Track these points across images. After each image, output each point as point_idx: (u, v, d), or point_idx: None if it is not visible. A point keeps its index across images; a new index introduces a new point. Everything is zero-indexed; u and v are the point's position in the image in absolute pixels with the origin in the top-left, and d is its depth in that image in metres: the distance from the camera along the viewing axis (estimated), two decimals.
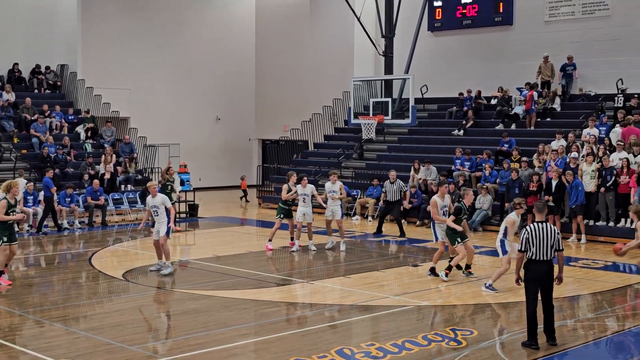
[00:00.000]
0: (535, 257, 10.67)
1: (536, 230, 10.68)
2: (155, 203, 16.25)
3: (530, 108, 27.10)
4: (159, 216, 16.21)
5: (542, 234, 10.67)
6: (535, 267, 10.71)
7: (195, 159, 35.10)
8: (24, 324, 12.44)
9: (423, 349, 10.84)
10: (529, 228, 10.75)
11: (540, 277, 10.73)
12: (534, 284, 10.76)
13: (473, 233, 22.65)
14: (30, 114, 28.62)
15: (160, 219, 16.20)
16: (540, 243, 10.64)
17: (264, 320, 12.61)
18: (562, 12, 28.95)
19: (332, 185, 19.47)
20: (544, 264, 10.69)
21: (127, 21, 34.37)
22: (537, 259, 10.66)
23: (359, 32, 32.10)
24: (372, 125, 28.66)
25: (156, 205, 16.25)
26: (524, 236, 10.72)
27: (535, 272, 10.72)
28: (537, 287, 10.77)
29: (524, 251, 10.73)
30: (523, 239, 10.72)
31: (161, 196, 16.43)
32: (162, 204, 16.20)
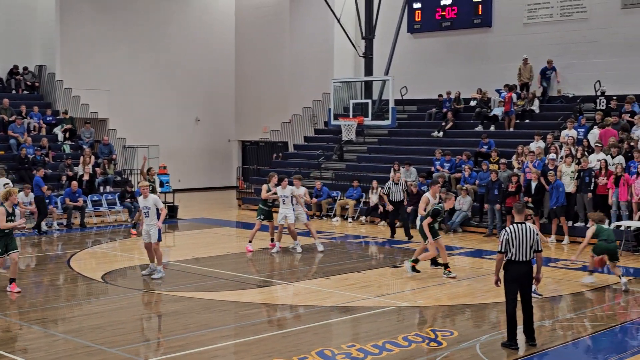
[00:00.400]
0: (515, 258, 10.71)
1: (516, 232, 10.73)
2: (147, 204, 15.97)
3: (510, 110, 27.24)
4: (149, 217, 15.95)
5: (521, 235, 10.71)
6: (515, 268, 10.75)
7: (175, 160, 35.03)
8: (2, 326, 12.33)
9: (403, 349, 10.85)
10: (509, 229, 10.79)
11: (520, 277, 10.78)
12: (514, 285, 10.80)
13: (452, 234, 22.76)
14: (8, 115, 28.41)
15: (150, 220, 15.96)
16: (520, 244, 10.68)
17: (245, 321, 12.58)
18: (541, 15, 29.12)
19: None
20: (523, 265, 10.74)
21: (106, 22, 34.23)
22: (517, 259, 10.71)
23: (339, 34, 32.14)
24: (352, 127, 28.72)
25: (147, 206, 15.97)
26: (504, 237, 10.76)
27: (514, 273, 10.76)
28: (516, 288, 10.82)
29: (504, 252, 10.76)
30: (503, 240, 10.75)
31: (153, 197, 16.15)
32: (154, 204, 15.94)
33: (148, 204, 15.97)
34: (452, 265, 17.35)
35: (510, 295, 10.83)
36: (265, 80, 37.71)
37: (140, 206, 16.27)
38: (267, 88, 37.56)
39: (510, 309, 10.83)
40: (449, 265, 16.21)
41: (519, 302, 10.88)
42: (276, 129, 34.76)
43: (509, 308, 10.83)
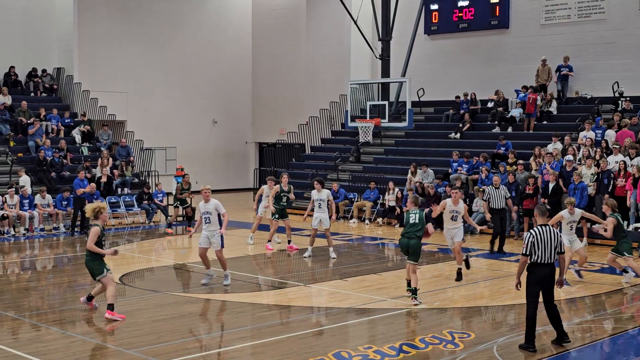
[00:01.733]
0: (540, 260, 10.65)
1: (541, 234, 10.67)
2: (208, 209, 14.87)
3: (533, 112, 27.09)
4: (211, 223, 14.85)
5: (546, 237, 10.66)
6: (539, 270, 10.69)
7: (192, 162, 35.11)
8: (20, 327, 12.41)
9: (420, 351, 10.83)
10: (534, 231, 10.73)
11: (543, 280, 10.73)
12: (536, 287, 10.75)
13: (470, 235, 22.67)
14: (26, 118, 28.58)
15: (211, 226, 14.87)
16: (545, 246, 10.63)
17: (261, 323, 12.58)
18: (558, 16, 28.98)
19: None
20: (547, 267, 10.70)
21: (123, 25, 34.39)
22: (541, 262, 10.66)
23: (356, 35, 32.11)
24: (369, 128, 28.68)
25: (209, 211, 14.88)
26: (529, 239, 10.69)
27: (538, 275, 10.70)
28: (539, 291, 10.77)
29: (528, 255, 10.70)
30: (528, 243, 10.68)
31: (214, 201, 14.91)
32: (215, 209, 14.83)
33: (209, 209, 14.89)
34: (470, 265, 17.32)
35: (532, 298, 10.77)
36: (282, 82, 37.75)
37: (201, 211, 15.03)
38: (284, 90, 37.60)
39: (531, 312, 10.77)
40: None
41: (539, 304, 10.82)
42: (293, 131, 34.78)
43: (530, 311, 10.77)
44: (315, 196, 18.72)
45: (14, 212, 22.88)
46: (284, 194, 19.99)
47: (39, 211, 23.45)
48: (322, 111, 34.11)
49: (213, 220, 14.86)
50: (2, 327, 12.33)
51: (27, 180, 24.48)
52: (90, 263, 12.91)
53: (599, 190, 21.11)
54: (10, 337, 11.83)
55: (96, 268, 12.84)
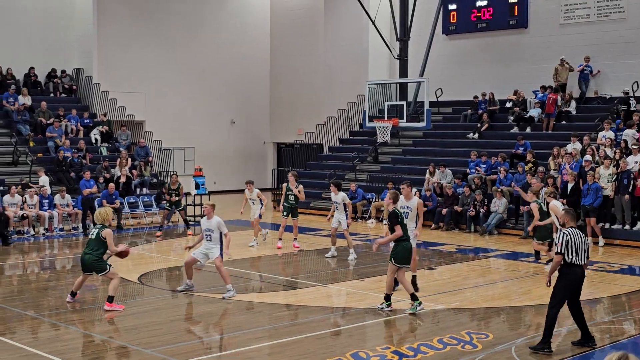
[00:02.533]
0: (575, 261, 10.58)
1: (573, 235, 10.61)
2: (210, 227, 14.19)
3: (552, 112, 26.97)
4: (212, 241, 14.24)
5: (578, 238, 10.61)
6: (573, 271, 10.63)
7: (210, 162, 35.21)
8: (40, 327, 12.49)
9: (438, 352, 10.81)
10: (568, 231, 10.62)
11: (576, 281, 10.71)
12: (568, 289, 10.71)
13: (488, 236, 22.61)
14: (46, 118, 28.77)
15: (211, 244, 14.27)
16: (578, 247, 10.57)
17: (279, 323, 12.61)
18: (577, 15, 28.83)
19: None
20: (580, 269, 10.68)
21: (142, 25, 34.54)
22: (575, 262, 10.59)
23: (374, 36, 32.10)
24: (387, 129, 28.65)
25: (211, 229, 14.18)
26: (564, 238, 10.56)
27: (572, 277, 10.65)
28: (569, 293, 10.73)
29: (563, 253, 10.56)
30: (563, 241, 10.55)
31: (217, 219, 14.17)
32: (217, 228, 14.14)
33: (212, 227, 14.20)
34: (487, 266, 17.28)
35: (561, 299, 10.70)
36: (300, 82, 37.78)
37: (203, 228, 14.44)
38: (302, 90, 37.63)
39: (554, 313, 10.67)
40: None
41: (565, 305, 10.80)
42: (311, 131, 34.81)
43: (554, 311, 10.67)
44: (333, 198, 18.92)
45: (33, 212, 23.04)
46: (290, 193, 20.27)
47: (58, 211, 23.60)
48: (340, 111, 34.11)
49: (214, 238, 14.23)
50: (22, 327, 12.42)
51: (47, 180, 24.66)
52: (95, 263, 13.44)
53: (618, 190, 20.99)
54: (29, 336, 11.92)
55: (102, 266, 13.50)
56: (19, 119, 28.42)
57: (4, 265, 18.68)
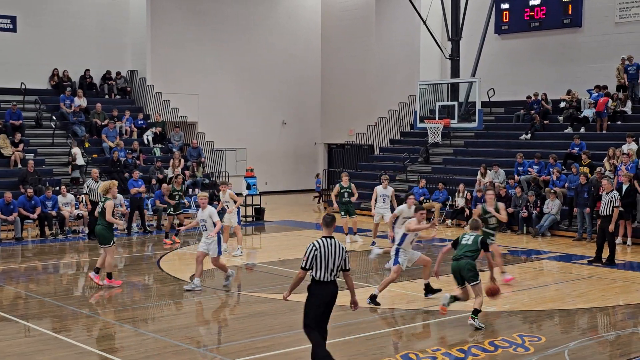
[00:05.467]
0: (323, 279, 9.44)
1: (324, 247, 9.42)
2: (203, 217, 15.23)
3: (603, 111, 26.55)
4: (207, 231, 15.15)
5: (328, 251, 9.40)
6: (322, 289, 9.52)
7: (262, 163, 35.41)
8: (94, 325, 12.70)
9: (490, 354, 10.73)
10: (316, 244, 9.42)
11: (325, 301, 9.53)
12: (320, 309, 9.52)
13: (541, 238, 22.34)
14: (100, 119, 29.22)
15: (208, 234, 15.15)
16: (329, 262, 9.37)
17: (330, 324, 12.60)
18: (633, 13, 28.33)
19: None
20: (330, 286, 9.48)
21: (195, 28, 34.88)
22: (325, 280, 9.45)
23: (425, 36, 31.94)
24: (438, 129, 28.48)
25: (204, 219, 15.23)
26: (312, 252, 9.35)
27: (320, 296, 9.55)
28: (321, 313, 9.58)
29: (308, 269, 9.45)
30: (310, 255, 9.36)
31: (210, 209, 15.30)
32: (209, 217, 15.15)
33: (204, 217, 15.22)
34: (540, 268, 17.08)
35: (316, 323, 9.56)
36: (351, 83, 37.77)
37: (198, 219, 15.49)
38: (353, 91, 37.61)
39: (315, 340, 9.58)
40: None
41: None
42: (362, 132, 34.79)
43: (315, 339, 9.56)
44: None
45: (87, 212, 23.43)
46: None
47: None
48: (391, 112, 34.03)
49: (209, 228, 15.12)
50: (77, 324, 12.64)
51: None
52: (102, 231, 15.28)
53: None
54: (85, 334, 12.12)
55: (107, 236, 15.23)
56: (74, 121, 28.90)
57: (59, 264, 19.04)
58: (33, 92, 29.68)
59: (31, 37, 30.51)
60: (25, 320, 12.68)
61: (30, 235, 22.63)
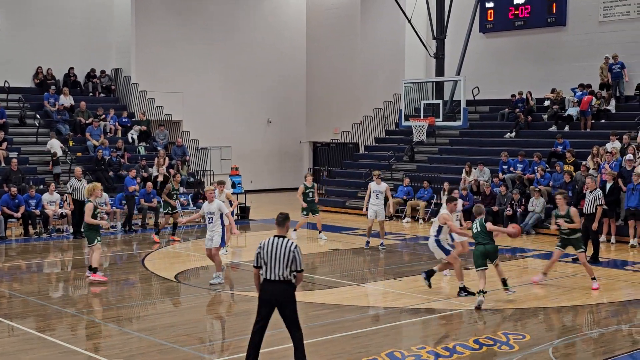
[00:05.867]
0: (268, 277, 9.40)
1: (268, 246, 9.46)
2: (211, 209, 15.37)
3: (587, 110, 26.67)
4: (213, 223, 15.37)
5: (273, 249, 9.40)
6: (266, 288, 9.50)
7: (247, 161, 35.37)
8: (78, 324, 12.64)
9: (474, 352, 10.75)
10: (261, 243, 9.53)
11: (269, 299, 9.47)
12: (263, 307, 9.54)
13: (525, 236, 22.42)
14: (85, 118, 29.09)
15: (213, 227, 15.37)
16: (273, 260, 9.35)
17: (314, 322, 12.62)
18: (617, 12, 28.47)
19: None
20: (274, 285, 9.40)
21: (180, 26, 34.78)
22: (269, 278, 9.38)
23: (410, 34, 31.98)
24: (423, 128, 28.52)
25: (212, 211, 15.35)
26: (257, 251, 9.46)
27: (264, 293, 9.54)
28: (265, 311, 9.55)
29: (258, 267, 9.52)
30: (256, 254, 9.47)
31: (217, 202, 15.53)
32: (218, 210, 15.38)
33: (212, 209, 15.40)
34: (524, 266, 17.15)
35: (259, 318, 9.56)
36: (336, 82, 37.76)
37: (205, 212, 15.54)
38: (338, 89, 37.60)
39: (253, 332, 9.62)
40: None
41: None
42: (347, 130, 34.80)
43: (254, 330, 9.60)
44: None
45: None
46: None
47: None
48: (376, 110, 34.06)
49: (215, 220, 15.40)
50: (62, 324, 12.59)
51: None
52: (85, 231, 15.96)
53: None
54: (69, 333, 12.07)
55: (90, 236, 15.75)
56: (58, 119, 28.77)
57: (43, 263, 18.95)
58: (17, 91, 29.53)
59: (15, 35, 30.34)
60: (9, 320, 12.61)
61: (14, 234, 22.52)
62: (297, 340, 9.47)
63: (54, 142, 26.87)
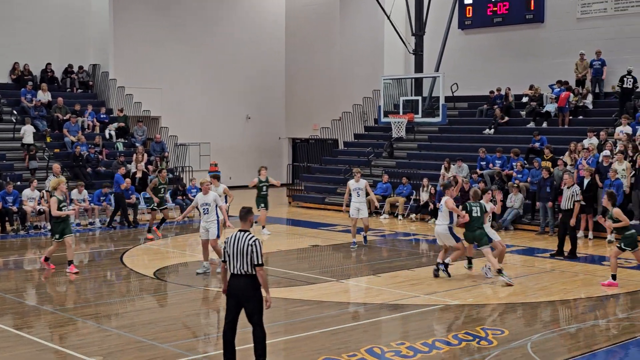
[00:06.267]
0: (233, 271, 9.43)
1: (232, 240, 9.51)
2: (207, 201, 15.80)
3: (564, 106, 26.83)
4: (209, 214, 15.77)
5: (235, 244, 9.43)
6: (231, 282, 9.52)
7: (226, 157, 35.28)
8: (56, 321, 12.56)
9: (453, 348, 10.80)
10: (227, 238, 9.60)
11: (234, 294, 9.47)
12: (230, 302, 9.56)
13: (504, 232, 22.53)
14: (62, 114, 28.89)
15: (209, 217, 15.76)
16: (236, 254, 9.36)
17: (294, 319, 12.62)
18: (595, 9, 28.65)
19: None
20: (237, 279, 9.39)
21: (158, 21, 34.60)
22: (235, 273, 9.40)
23: (389, 31, 32.01)
24: (402, 124, 28.59)
25: (208, 202, 15.78)
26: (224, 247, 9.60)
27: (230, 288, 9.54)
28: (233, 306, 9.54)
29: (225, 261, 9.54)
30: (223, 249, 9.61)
31: (213, 194, 15.98)
32: (214, 201, 15.83)
33: (208, 201, 15.79)
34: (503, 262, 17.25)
35: (227, 315, 9.58)
36: (316, 78, 37.75)
37: (199, 203, 15.92)
38: (318, 85, 37.60)
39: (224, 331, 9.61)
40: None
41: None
42: (326, 127, 34.79)
43: (225, 329, 9.58)
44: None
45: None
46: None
47: (75, 206, 23.68)
48: (355, 107, 34.08)
49: (211, 211, 15.80)
50: (39, 321, 12.51)
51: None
52: (54, 226, 16.40)
53: (636, 185, 20.83)
54: (47, 330, 12.00)
55: (60, 230, 16.16)
56: (35, 115, 28.55)
57: (22, 260, 18.81)
58: None
59: None
60: None
61: None
62: (256, 338, 9.44)
63: (28, 128, 26.66)
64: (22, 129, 26.69)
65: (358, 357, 10.24)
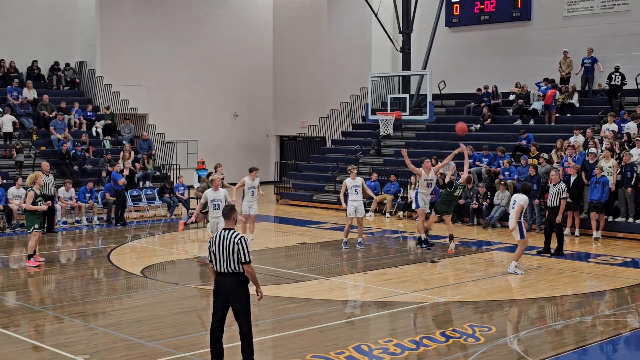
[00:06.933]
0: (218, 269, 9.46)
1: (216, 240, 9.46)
2: (218, 197, 16.52)
3: (551, 104, 26.93)
4: (219, 210, 16.17)
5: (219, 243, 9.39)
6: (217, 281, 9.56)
7: (213, 155, 35.10)
8: (44, 319, 12.52)
9: (441, 345, 10.82)
10: (212, 238, 9.60)
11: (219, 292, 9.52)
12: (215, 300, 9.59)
13: (491, 229, 22.60)
14: (48, 111, 28.77)
15: (218, 213, 16.13)
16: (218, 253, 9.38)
17: (282, 316, 12.62)
18: (581, 7, 28.76)
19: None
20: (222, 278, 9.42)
21: (145, 19, 34.52)
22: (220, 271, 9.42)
23: (377, 28, 32.05)
24: (389, 122, 28.61)
25: (219, 199, 16.50)
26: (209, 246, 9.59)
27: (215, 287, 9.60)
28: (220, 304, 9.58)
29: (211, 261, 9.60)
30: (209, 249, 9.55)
31: (223, 190, 16.74)
32: (225, 198, 16.51)
33: (219, 197, 16.55)
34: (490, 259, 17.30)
35: (215, 313, 9.60)
36: (303, 75, 37.74)
37: (210, 199, 16.65)
38: (305, 83, 37.59)
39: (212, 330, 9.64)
40: None
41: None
42: (314, 124, 34.79)
43: (212, 327, 9.60)
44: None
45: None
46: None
47: (62, 204, 23.60)
48: (343, 104, 34.08)
49: (221, 207, 16.04)
50: (25, 319, 12.45)
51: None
52: (26, 219, 16.77)
53: (622, 183, 20.92)
54: (33, 329, 11.95)
55: (30, 223, 16.50)
56: (22, 113, 28.42)
57: (6, 258, 18.73)
58: None
59: None
60: None
61: None
62: (243, 336, 9.44)
63: (7, 117, 26.62)
64: (0, 119, 26.54)
65: (346, 355, 10.25)
